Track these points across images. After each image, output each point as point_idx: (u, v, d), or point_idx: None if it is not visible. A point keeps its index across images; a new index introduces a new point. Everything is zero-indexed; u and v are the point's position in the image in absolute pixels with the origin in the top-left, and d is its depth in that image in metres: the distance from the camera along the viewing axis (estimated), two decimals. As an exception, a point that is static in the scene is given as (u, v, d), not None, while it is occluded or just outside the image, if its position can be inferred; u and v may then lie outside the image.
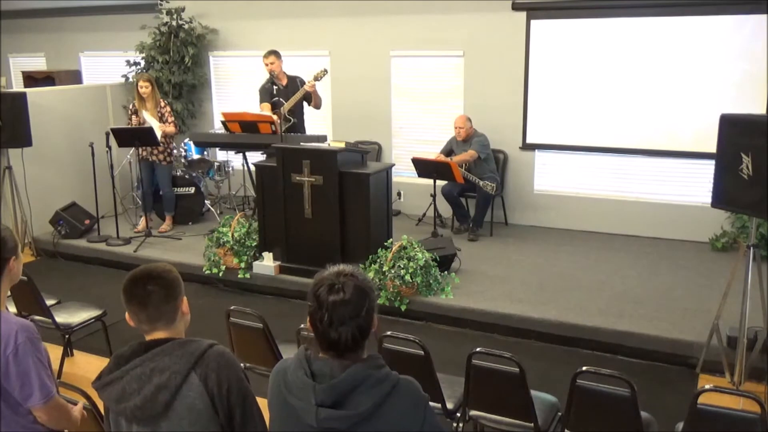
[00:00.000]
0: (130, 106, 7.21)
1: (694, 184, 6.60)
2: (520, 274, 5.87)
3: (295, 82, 6.85)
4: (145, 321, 1.98)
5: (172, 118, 7.14)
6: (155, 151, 7.10)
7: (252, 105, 7.26)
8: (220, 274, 6.08)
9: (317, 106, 6.99)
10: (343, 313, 1.69)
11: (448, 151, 7.10)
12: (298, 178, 5.71)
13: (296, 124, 6.84)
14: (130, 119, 7.12)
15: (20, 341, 2.21)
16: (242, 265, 6.03)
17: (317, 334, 1.73)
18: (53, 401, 2.28)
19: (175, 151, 7.79)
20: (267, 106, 6.84)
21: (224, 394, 1.89)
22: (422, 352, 3.14)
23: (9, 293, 2.41)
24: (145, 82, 6.96)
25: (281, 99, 6.83)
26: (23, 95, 6.76)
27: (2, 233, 2.32)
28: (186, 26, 8.50)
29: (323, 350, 1.74)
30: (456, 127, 6.92)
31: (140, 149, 7.12)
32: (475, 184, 6.67)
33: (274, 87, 6.82)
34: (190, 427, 1.88)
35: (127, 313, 2.01)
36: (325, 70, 6.71)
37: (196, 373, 1.88)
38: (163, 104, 7.09)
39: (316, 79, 6.62)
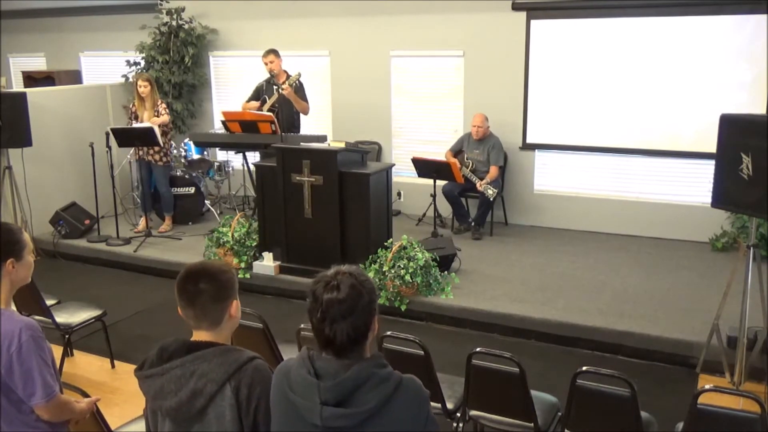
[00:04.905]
0: (131, 106, 7.22)
1: (694, 184, 6.60)
2: (520, 274, 5.87)
3: None
4: (192, 318, 2.00)
5: (166, 111, 7.07)
6: (151, 151, 7.09)
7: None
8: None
9: (302, 111, 6.88)
10: (336, 311, 1.69)
11: (458, 150, 7.09)
12: (298, 178, 5.71)
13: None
14: (130, 122, 7.13)
15: (24, 339, 2.21)
16: (242, 265, 6.04)
17: (314, 331, 1.74)
18: (55, 400, 2.28)
19: (175, 150, 7.80)
20: (248, 105, 6.93)
21: (252, 410, 1.91)
22: (422, 352, 3.14)
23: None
24: (144, 82, 6.96)
25: (267, 97, 6.84)
26: (23, 95, 6.75)
27: (3, 233, 2.31)
28: (186, 26, 8.50)
29: (321, 348, 1.75)
30: (474, 126, 6.92)
31: (138, 149, 7.12)
32: (477, 188, 6.67)
33: (273, 87, 6.82)
34: None
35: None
36: (299, 74, 6.69)
37: (230, 384, 1.90)
38: (159, 102, 7.08)
39: (291, 83, 6.59)
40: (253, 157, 7.22)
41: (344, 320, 1.69)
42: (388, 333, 3.26)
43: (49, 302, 4.44)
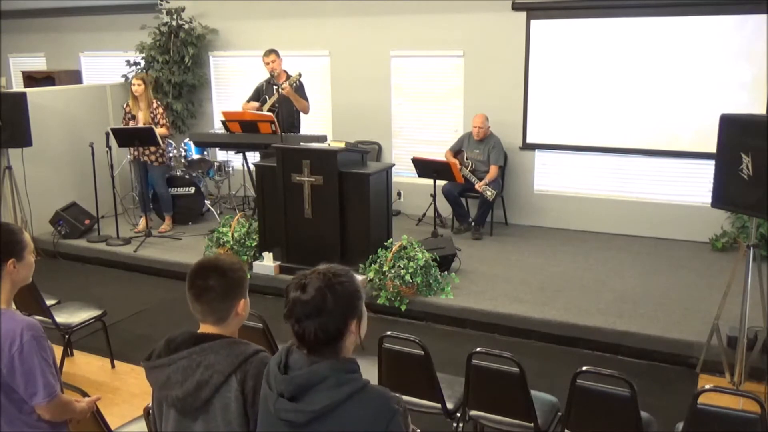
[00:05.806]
0: (125, 106, 7.21)
1: (694, 184, 6.60)
2: (520, 274, 5.87)
3: None
4: (199, 312, 2.01)
5: (165, 120, 7.07)
6: (146, 152, 7.08)
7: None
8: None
9: (302, 110, 6.87)
10: (300, 310, 1.70)
11: (458, 149, 7.09)
12: (298, 178, 5.71)
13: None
14: (127, 123, 7.10)
15: (26, 339, 2.21)
16: (242, 265, 6.03)
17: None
18: (57, 400, 2.28)
19: (174, 151, 7.80)
20: (248, 105, 6.93)
21: (257, 402, 1.91)
22: (422, 352, 3.13)
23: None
24: (137, 80, 6.94)
25: (267, 97, 6.84)
26: (23, 95, 6.75)
27: (3, 233, 2.31)
28: (186, 26, 8.51)
29: (297, 343, 1.76)
30: (475, 127, 6.92)
31: (133, 149, 7.10)
32: (476, 188, 6.67)
33: (273, 87, 6.82)
34: (224, 426, 1.92)
35: None
36: (300, 74, 6.70)
37: (236, 376, 1.92)
38: (155, 105, 7.05)
39: (291, 83, 6.59)
40: (253, 157, 7.21)
41: (309, 320, 1.69)
42: (388, 333, 3.26)
43: (49, 302, 4.44)
